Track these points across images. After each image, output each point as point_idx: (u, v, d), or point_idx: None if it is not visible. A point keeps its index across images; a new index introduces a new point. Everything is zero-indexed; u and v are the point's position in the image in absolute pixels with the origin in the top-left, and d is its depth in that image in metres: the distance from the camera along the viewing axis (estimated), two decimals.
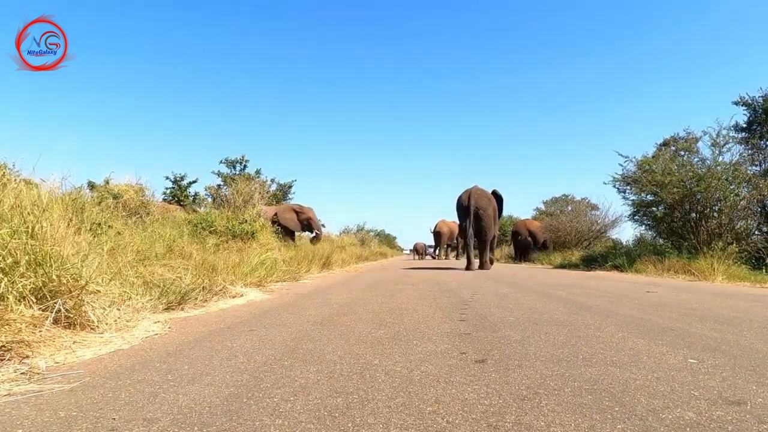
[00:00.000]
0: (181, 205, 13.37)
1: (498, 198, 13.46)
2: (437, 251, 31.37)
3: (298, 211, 15.00)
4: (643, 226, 13.69)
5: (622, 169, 13.00)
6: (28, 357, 1.97)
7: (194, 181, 15.03)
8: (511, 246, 23.06)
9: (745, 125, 12.17)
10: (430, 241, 31.94)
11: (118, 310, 2.76)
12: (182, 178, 14.85)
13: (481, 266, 12.26)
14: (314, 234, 15.70)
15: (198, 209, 13.23)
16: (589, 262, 12.90)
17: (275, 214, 14.48)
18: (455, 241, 29.03)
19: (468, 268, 11.93)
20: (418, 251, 31.80)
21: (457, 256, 28.78)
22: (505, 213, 15.72)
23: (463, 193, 12.65)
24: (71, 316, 2.42)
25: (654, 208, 12.53)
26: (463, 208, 12.47)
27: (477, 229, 12.21)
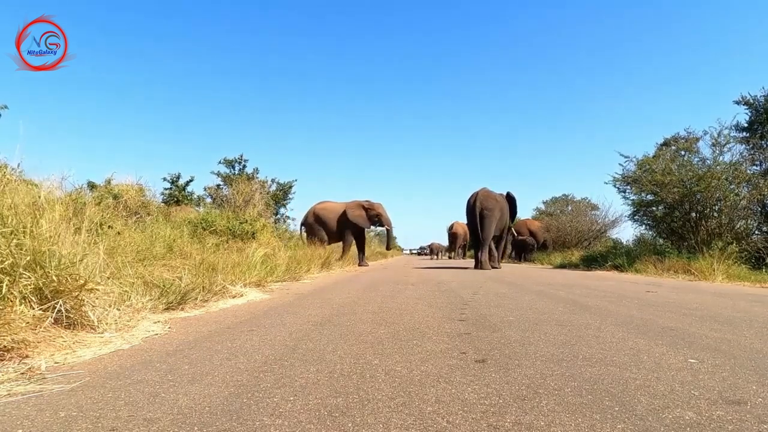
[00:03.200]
0: (184, 205, 13.37)
1: (511, 200, 13.62)
2: (437, 252, 32.00)
3: (367, 208, 15.03)
4: (643, 225, 13.72)
5: (623, 169, 13.04)
6: (28, 357, 1.97)
7: (191, 180, 15.02)
8: (511, 246, 23.06)
9: (746, 125, 12.15)
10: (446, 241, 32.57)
11: (118, 310, 2.76)
12: (178, 178, 14.84)
13: (481, 265, 12.29)
14: (386, 230, 15.72)
15: (197, 209, 13.22)
16: (589, 262, 12.90)
17: (344, 212, 14.59)
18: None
19: (476, 266, 12.55)
20: (434, 251, 32.51)
21: (452, 257, 29.01)
22: None
23: (471, 195, 13.09)
24: (71, 316, 2.42)
25: (654, 208, 12.53)
26: (469, 209, 12.93)
27: (478, 229, 12.41)
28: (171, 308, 3.44)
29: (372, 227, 15.70)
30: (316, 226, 14.39)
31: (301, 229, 15.01)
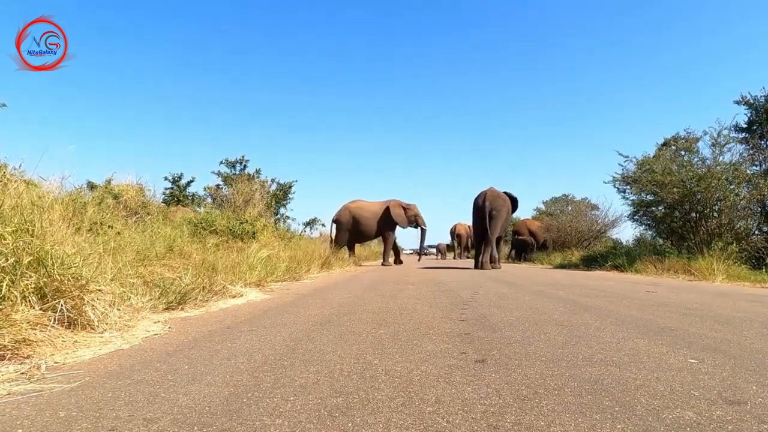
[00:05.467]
0: (183, 206, 13.37)
1: (511, 200, 13.68)
2: (444, 252, 32.89)
3: (406, 207, 15.34)
4: (643, 226, 13.72)
5: (622, 169, 13.04)
6: (28, 357, 1.97)
7: (192, 181, 15.02)
8: (511, 246, 23.07)
9: (746, 125, 12.14)
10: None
11: (118, 310, 2.76)
12: (180, 178, 14.84)
13: (482, 266, 12.31)
14: (421, 231, 16.04)
15: (197, 209, 13.22)
16: (589, 262, 12.90)
17: (386, 210, 14.80)
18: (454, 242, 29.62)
19: (476, 266, 12.53)
20: (441, 251, 33.26)
21: (454, 257, 29.21)
22: None
23: (478, 195, 13.10)
24: (71, 315, 2.42)
25: (654, 208, 12.53)
26: (477, 208, 12.91)
27: (484, 229, 12.45)
28: (171, 308, 3.44)
29: (408, 227, 16.03)
30: (351, 224, 14.59)
31: (332, 226, 15.12)
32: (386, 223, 14.82)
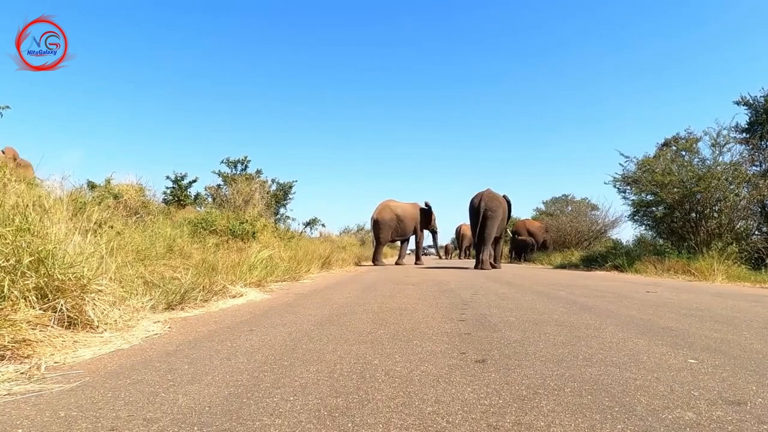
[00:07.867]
0: (182, 206, 13.35)
1: (507, 202, 13.78)
2: (449, 252, 33.58)
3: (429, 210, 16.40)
4: (643, 226, 13.72)
5: (623, 169, 13.05)
6: (28, 357, 1.97)
7: (194, 181, 15.02)
8: (510, 246, 23.09)
9: (746, 126, 12.15)
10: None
11: (119, 309, 2.76)
12: (182, 178, 14.83)
13: (481, 266, 12.33)
14: (434, 234, 17.45)
15: (198, 209, 13.22)
16: (589, 262, 12.90)
17: (421, 211, 15.82)
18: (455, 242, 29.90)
19: (476, 266, 12.57)
20: (447, 251, 33.65)
21: (454, 256, 29.43)
22: None
23: (475, 196, 13.23)
24: (72, 315, 2.42)
25: (654, 208, 12.53)
26: (473, 209, 13.03)
27: (481, 230, 12.49)
28: (171, 308, 3.44)
29: (427, 230, 17.12)
30: (393, 222, 15.25)
31: (373, 224, 15.61)
32: (420, 222, 15.84)
